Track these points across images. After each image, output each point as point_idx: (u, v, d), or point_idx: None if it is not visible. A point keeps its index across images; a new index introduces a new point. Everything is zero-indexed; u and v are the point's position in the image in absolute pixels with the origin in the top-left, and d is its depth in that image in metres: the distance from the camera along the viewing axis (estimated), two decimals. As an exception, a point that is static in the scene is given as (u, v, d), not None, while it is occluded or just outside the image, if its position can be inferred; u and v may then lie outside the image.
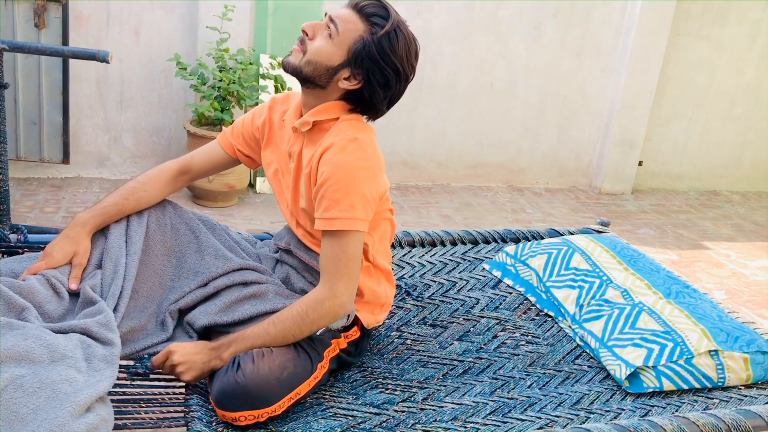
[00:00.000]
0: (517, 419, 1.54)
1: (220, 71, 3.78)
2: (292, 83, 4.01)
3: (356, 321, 1.70)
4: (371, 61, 1.52)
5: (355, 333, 1.69)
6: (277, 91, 3.93)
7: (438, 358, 1.81)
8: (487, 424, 1.52)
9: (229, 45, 3.89)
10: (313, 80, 1.57)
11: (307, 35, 1.56)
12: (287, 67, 1.59)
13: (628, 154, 5.19)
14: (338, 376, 1.68)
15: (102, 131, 4.10)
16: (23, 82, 3.69)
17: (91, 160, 4.12)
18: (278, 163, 1.73)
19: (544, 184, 5.20)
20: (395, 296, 2.02)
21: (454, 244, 2.34)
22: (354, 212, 1.50)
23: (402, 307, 2.00)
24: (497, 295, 2.11)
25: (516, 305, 2.07)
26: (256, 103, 3.98)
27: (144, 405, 1.44)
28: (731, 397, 1.69)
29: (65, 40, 3.68)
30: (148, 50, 4.00)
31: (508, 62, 4.76)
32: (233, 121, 3.91)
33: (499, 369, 1.78)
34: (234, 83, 3.77)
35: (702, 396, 1.69)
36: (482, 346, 1.87)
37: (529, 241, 2.43)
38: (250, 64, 3.91)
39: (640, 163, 5.31)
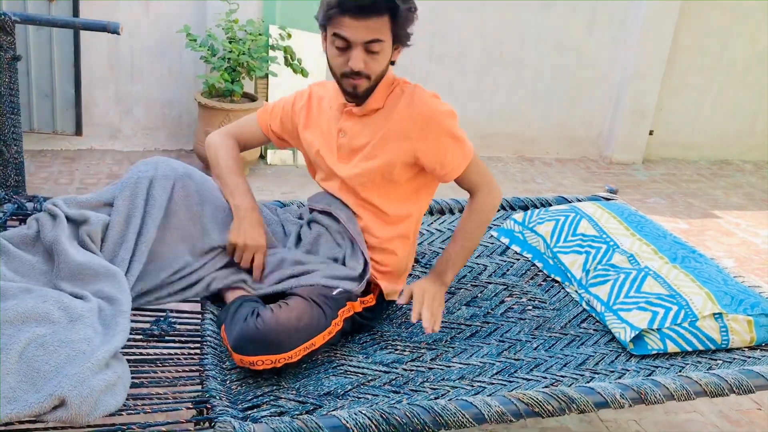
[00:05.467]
0: (523, 379, 1.57)
1: (230, 42, 3.79)
2: (303, 53, 4.02)
3: (372, 289, 1.80)
4: (405, 30, 1.71)
5: (371, 300, 1.78)
6: (286, 61, 3.94)
7: (446, 322, 1.85)
8: (494, 383, 1.55)
9: (239, 16, 3.90)
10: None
11: (361, 72, 1.69)
12: (360, 97, 1.75)
13: (638, 124, 5.17)
14: (349, 337, 1.73)
15: (113, 103, 4.13)
16: (35, 54, 3.72)
17: (103, 132, 4.16)
18: (320, 142, 1.85)
19: (555, 154, 5.19)
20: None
21: (462, 211, 2.36)
22: (466, 141, 1.80)
23: (411, 275, 2.04)
24: (505, 261, 2.13)
25: (523, 271, 2.10)
26: (266, 75, 3.99)
27: (160, 365, 1.48)
28: (735, 358, 1.72)
29: (76, 13, 3.69)
30: (158, 22, 4.01)
31: (519, 32, 4.74)
32: (243, 93, 3.96)
33: (506, 332, 1.81)
34: (244, 54, 3.77)
35: (706, 357, 1.72)
36: (489, 311, 1.90)
37: (538, 208, 2.45)
38: (260, 35, 3.91)
39: (651, 133, 5.29)
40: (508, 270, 2.09)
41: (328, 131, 1.85)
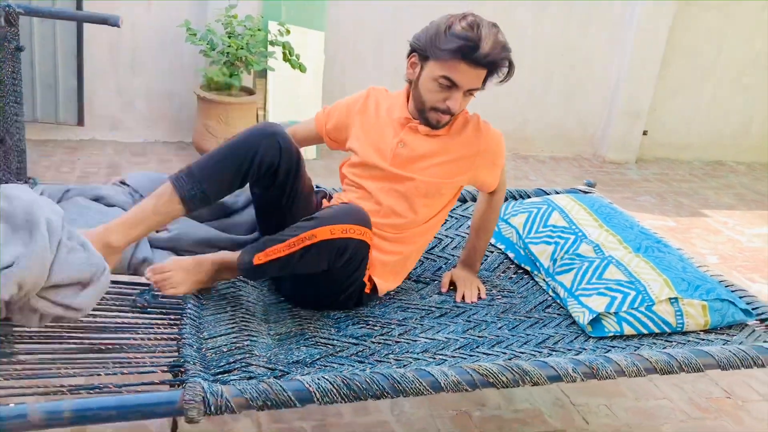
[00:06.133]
0: (484, 354, 1.67)
1: (229, 37, 3.89)
2: (300, 50, 4.11)
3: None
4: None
5: (366, 288, 1.91)
6: (285, 57, 4.03)
7: (418, 305, 1.94)
8: (455, 357, 1.65)
9: (238, 12, 4.00)
10: None
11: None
12: (437, 128, 1.90)
13: (632, 124, 5.24)
14: (324, 314, 1.82)
15: (115, 95, 4.24)
16: (39, 46, 3.83)
17: (104, 124, 4.27)
18: (373, 146, 1.96)
19: (549, 153, 5.27)
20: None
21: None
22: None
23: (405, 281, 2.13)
24: (478, 252, 2.22)
25: (495, 265, 2.20)
26: (265, 69, 4.09)
27: (141, 333, 1.58)
28: (689, 341, 1.80)
29: (79, 6, 3.80)
30: (159, 17, 4.12)
31: (515, 31, 4.81)
32: (241, 86, 4.06)
33: (473, 314, 1.91)
34: (242, 49, 3.88)
35: (661, 339, 1.81)
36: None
37: (516, 200, 2.54)
38: (258, 30, 4.01)
39: (645, 133, 5.36)
40: (481, 264, 2.18)
41: (383, 137, 1.96)
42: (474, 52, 1.72)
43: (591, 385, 2.53)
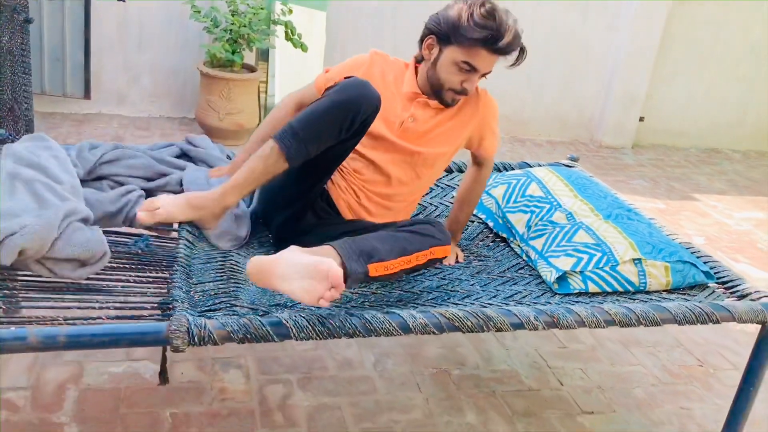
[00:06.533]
0: (454, 304, 1.78)
1: (232, 15, 4.00)
2: (302, 28, 4.21)
3: None
4: None
5: None
6: (287, 36, 4.14)
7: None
8: (426, 305, 1.76)
9: (242, -10, 4.11)
10: None
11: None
12: (455, 104, 2.05)
13: (629, 110, 5.32)
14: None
15: (122, 70, 4.36)
16: (48, 20, 3.96)
17: (111, 98, 4.40)
18: (380, 115, 1.94)
19: (547, 137, 5.36)
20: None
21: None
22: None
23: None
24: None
25: (474, 235, 2.31)
26: (267, 50, 4.20)
27: (133, 276, 1.70)
28: (651, 299, 1.91)
29: (87, -18, 3.92)
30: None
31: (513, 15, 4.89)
32: (243, 63, 4.16)
33: (449, 274, 2.01)
34: (245, 26, 3.99)
35: (625, 297, 1.91)
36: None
37: (501, 171, 2.65)
38: (261, 8, 4.12)
39: (641, 119, 5.45)
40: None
41: (391, 107, 2.02)
42: (497, 42, 1.88)
43: (568, 350, 2.64)
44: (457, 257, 2.13)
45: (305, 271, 1.46)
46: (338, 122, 1.75)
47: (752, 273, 3.50)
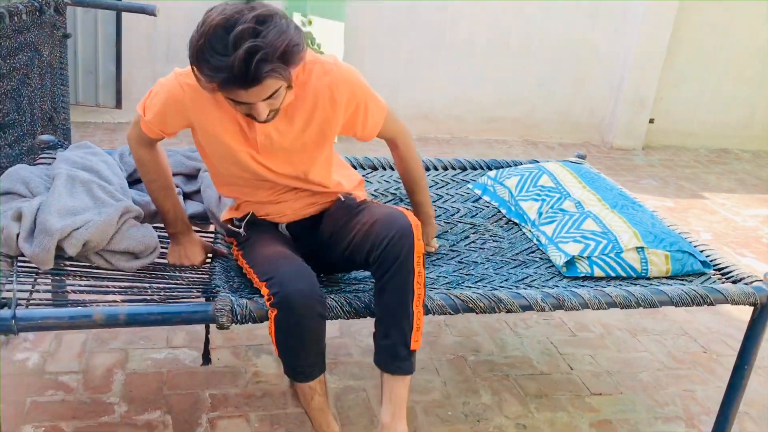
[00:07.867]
0: (468, 287, 1.94)
1: (255, 27, 4.20)
2: (323, 39, 4.41)
3: None
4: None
5: None
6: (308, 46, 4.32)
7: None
8: (442, 288, 1.93)
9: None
10: None
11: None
12: (271, 119, 1.65)
13: (638, 112, 5.47)
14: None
15: (151, 82, 4.53)
16: (82, 34, 4.18)
17: (140, 107, 4.60)
18: (225, 140, 1.79)
19: (558, 139, 5.52)
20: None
21: (445, 169, 2.74)
22: (377, 95, 1.84)
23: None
24: (475, 207, 2.50)
25: (490, 215, 2.46)
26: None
27: (179, 270, 1.89)
28: (651, 284, 2.06)
29: (119, -2, 4.14)
30: (193, 6, 4.44)
31: (524, 23, 5.07)
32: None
33: (465, 257, 2.18)
34: (267, 38, 4.18)
35: (627, 282, 2.07)
36: (456, 243, 2.27)
37: (510, 167, 2.81)
38: (282, 20, 4.31)
39: (651, 121, 5.58)
40: (477, 214, 2.45)
41: (233, 128, 1.75)
42: (233, 82, 1.51)
43: (578, 338, 2.80)
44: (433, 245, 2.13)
45: None
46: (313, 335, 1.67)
47: (758, 266, 3.63)
